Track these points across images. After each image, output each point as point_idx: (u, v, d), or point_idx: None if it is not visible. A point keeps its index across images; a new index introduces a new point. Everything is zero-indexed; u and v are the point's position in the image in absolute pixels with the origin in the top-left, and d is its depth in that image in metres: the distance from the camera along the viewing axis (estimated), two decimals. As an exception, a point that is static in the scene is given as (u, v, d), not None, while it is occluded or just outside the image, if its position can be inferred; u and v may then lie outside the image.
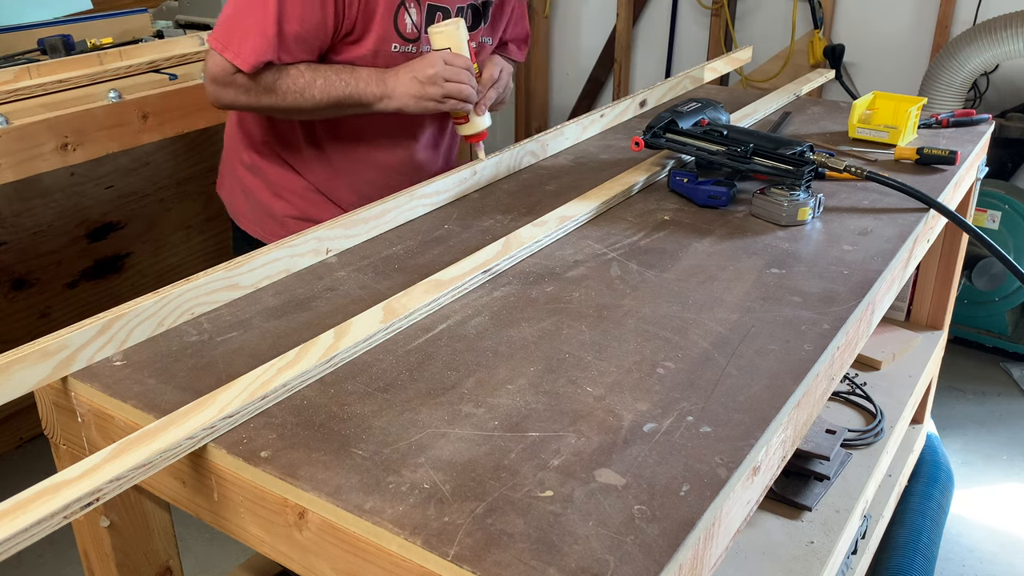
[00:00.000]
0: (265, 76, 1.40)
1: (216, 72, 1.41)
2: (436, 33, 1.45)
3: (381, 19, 1.44)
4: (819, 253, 1.26)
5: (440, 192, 1.41)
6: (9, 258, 2.45)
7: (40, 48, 2.34)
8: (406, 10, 1.46)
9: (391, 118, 1.52)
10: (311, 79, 1.42)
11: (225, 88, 1.42)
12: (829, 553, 1.51)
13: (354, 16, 1.42)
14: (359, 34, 1.45)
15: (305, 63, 1.43)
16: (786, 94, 2.04)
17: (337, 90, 1.43)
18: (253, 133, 1.63)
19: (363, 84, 1.44)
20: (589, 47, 4.13)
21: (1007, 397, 2.87)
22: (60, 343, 0.93)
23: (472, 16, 1.59)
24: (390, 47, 1.48)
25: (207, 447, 0.84)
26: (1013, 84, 3.11)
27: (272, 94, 1.41)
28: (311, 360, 0.94)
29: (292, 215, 1.63)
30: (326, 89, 1.42)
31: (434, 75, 1.43)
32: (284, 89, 1.41)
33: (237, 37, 1.37)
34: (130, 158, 2.66)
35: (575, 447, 0.83)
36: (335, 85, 1.42)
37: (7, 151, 1.83)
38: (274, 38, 1.37)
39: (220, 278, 1.09)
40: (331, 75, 1.43)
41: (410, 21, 1.47)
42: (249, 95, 1.42)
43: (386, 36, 1.46)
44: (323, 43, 1.43)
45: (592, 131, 1.79)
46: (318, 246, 1.21)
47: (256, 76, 1.39)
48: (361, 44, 1.46)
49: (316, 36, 1.41)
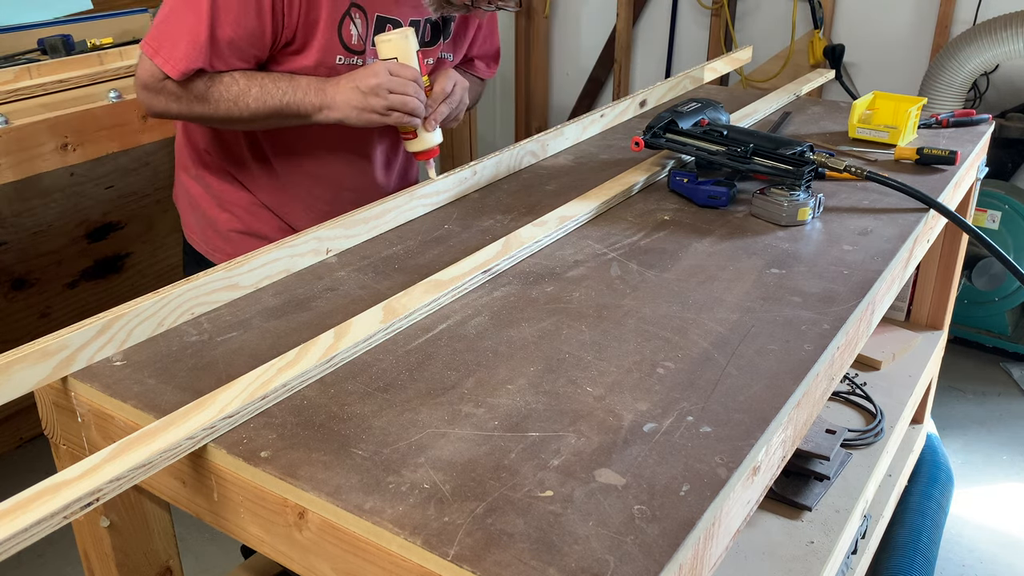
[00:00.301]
0: (197, 84, 1.33)
1: (146, 78, 1.33)
2: (383, 42, 1.36)
3: (324, 28, 1.36)
4: (819, 253, 1.26)
5: (440, 192, 1.41)
6: (9, 258, 2.45)
7: (40, 48, 2.34)
8: (351, 20, 1.38)
9: (336, 131, 1.43)
10: (245, 87, 1.34)
11: (156, 95, 1.34)
12: (829, 553, 1.51)
13: (294, 25, 1.34)
14: (300, 44, 1.37)
15: (240, 71, 1.35)
16: (786, 94, 2.04)
17: (274, 99, 1.34)
18: (197, 142, 1.54)
19: (301, 93, 1.35)
20: (589, 47, 4.13)
21: (1007, 397, 2.87)
22: (60, 343, 0.93)
23: (431, 31, 1.51)
24: (334, 59, 1.39)
25: (207, 447, 0.84)
26: (1013, 84, 3.11)
27: (204, 102, 1.34)
28: (311, 360, 0.94)
29: (237, 229, 1.55)
30: (261, 98, 1.34)
31: (377, 85, 1.33)
32: (216, 97, 1.33)
33: (168, 42, 1.30)
34: (130, 158, 2.66)
35: (575, 447, 0.83)
36: (271, 94, 1.34)
37: (7, 151, 1.83)
38: (206, 44, 1.29)
39: (220, 278, 1.09)
40: (267, 83, 1.35)
41: (355, 32, 1.39)
42: (180, 103, 1.34)
43: (329, 47, 1.38)
44: (260, 52, 1.35)
45: (592, 131, 1.79)
46: (318, 246, 1.22)
47: (187, 83, 1.32)
48: (304, 55, 1.38)
49: (251, 43, 1.33)
